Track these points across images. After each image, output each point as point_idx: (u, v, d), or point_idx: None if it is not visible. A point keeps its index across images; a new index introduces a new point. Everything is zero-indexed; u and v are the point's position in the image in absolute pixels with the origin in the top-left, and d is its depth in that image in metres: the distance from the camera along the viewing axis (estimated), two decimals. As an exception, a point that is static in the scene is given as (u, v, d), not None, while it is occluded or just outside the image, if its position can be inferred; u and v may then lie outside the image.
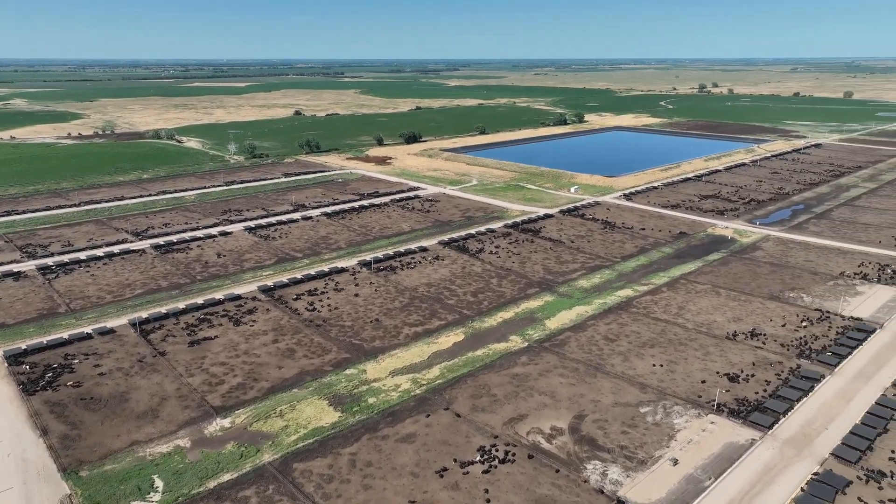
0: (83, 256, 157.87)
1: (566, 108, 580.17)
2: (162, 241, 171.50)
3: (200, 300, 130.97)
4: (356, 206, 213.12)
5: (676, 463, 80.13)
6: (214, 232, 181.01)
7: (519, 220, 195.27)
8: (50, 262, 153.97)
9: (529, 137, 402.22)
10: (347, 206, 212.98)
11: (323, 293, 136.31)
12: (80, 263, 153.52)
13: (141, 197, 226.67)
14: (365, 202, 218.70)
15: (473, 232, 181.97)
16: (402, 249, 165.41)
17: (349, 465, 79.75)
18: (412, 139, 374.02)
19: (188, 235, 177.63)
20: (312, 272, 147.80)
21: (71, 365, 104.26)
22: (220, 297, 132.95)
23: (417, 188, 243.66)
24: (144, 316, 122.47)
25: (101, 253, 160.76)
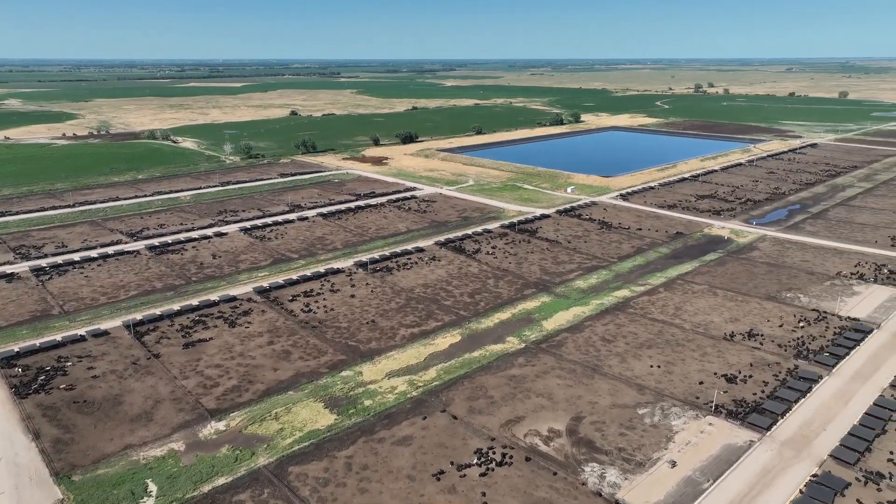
0: (77, 258, 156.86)
1: (562, 108, 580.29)
2: (157, 241, 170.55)
3: (195, 301, 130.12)
4: (352, 206, 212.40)
5: (675, 465, 79.74)
6: (210, 233, 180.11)
7: (515, 220, 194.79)
8: (43, 263, 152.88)
9: (526, 137, 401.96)
10: (344, 206, 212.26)
11: (319, 294, 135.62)
12: (73, 265, 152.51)
13: (136, 198, 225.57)
14: (361, 203, 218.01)
15: (470, 232, 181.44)
16: (398, 250, 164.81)
17: (345, 468, 79.13)
18: (408, 139, 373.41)
19: (183, 236, 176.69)
20: (308, 273, 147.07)
21: (64, 367, 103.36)
22: (215, 298, 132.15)
23: (414, 188, 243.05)
24: (139, 318, 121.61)
25: (95, 254, 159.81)
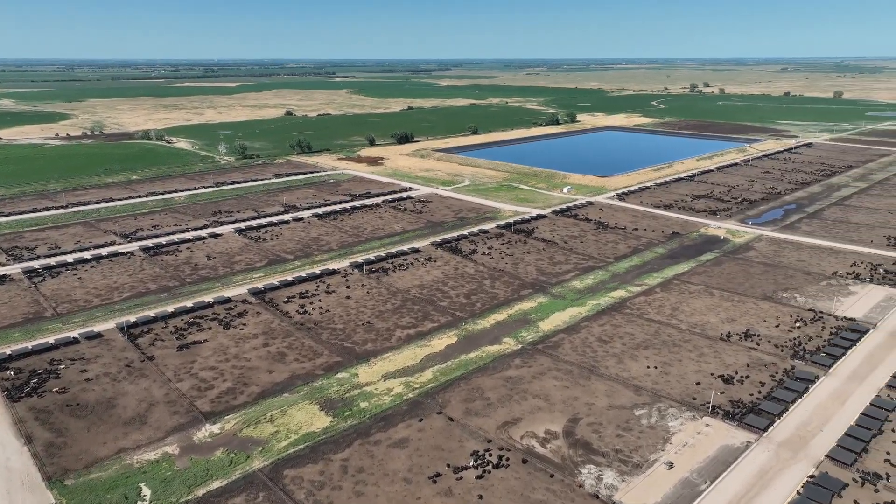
0: (70, 259, 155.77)
1: (558, 107, 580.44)
2: (151, 243, 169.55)
3: (190, 303, 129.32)
4: (348, 207, 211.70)
5: (672, 466, 79.44)
6: (204, 234, 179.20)
7: (512, 220, 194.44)
8: (36, 265, 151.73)
9: (522, 137, 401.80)
10: (339, 207, 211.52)
11: (314, 295, 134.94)
12: (67, 266, 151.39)
13: (130, 198, 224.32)
14: (356, 203, 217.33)
15: (466, 233, 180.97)
16: (394, 251, 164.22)
17: (341, 471, 78.56)
18: (404, 139, 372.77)
19: (177, 237, 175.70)
20: (304, 274, 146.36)
21: (57, 370, 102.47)
22: (209, 300, 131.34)
23: (409, 189, 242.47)
24: (132, 320, 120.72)
25: (88, 255, 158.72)
